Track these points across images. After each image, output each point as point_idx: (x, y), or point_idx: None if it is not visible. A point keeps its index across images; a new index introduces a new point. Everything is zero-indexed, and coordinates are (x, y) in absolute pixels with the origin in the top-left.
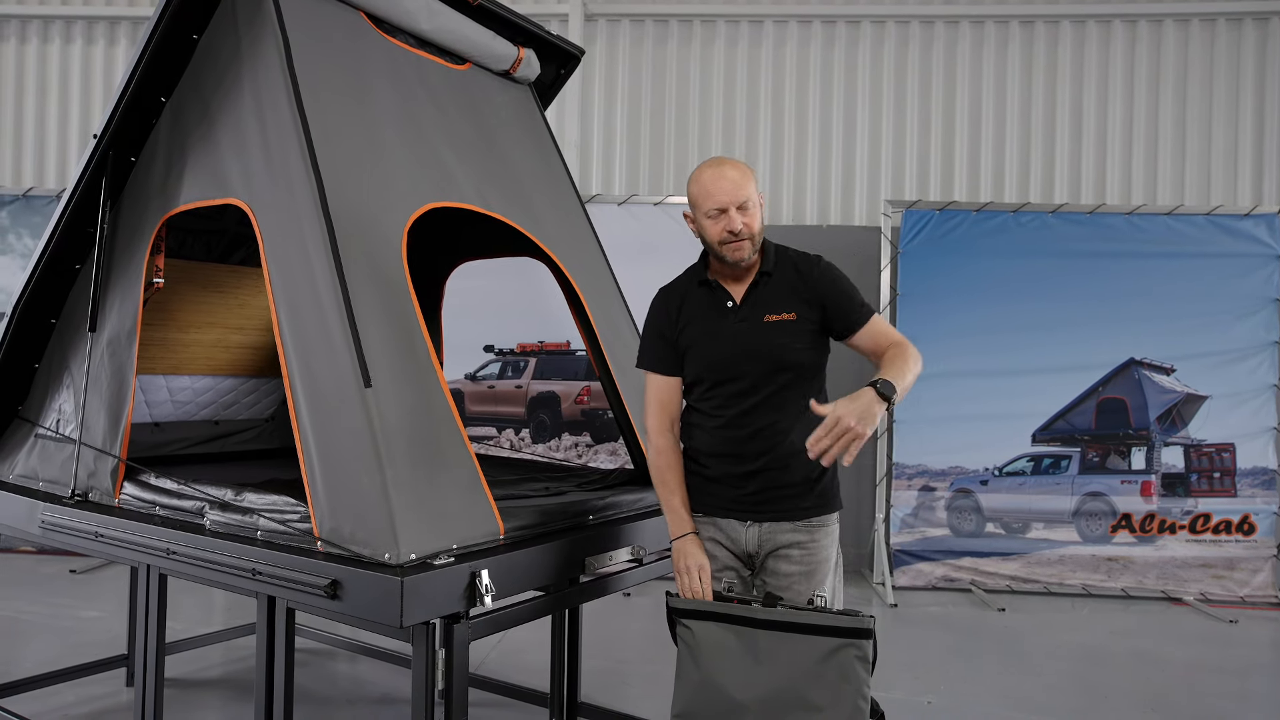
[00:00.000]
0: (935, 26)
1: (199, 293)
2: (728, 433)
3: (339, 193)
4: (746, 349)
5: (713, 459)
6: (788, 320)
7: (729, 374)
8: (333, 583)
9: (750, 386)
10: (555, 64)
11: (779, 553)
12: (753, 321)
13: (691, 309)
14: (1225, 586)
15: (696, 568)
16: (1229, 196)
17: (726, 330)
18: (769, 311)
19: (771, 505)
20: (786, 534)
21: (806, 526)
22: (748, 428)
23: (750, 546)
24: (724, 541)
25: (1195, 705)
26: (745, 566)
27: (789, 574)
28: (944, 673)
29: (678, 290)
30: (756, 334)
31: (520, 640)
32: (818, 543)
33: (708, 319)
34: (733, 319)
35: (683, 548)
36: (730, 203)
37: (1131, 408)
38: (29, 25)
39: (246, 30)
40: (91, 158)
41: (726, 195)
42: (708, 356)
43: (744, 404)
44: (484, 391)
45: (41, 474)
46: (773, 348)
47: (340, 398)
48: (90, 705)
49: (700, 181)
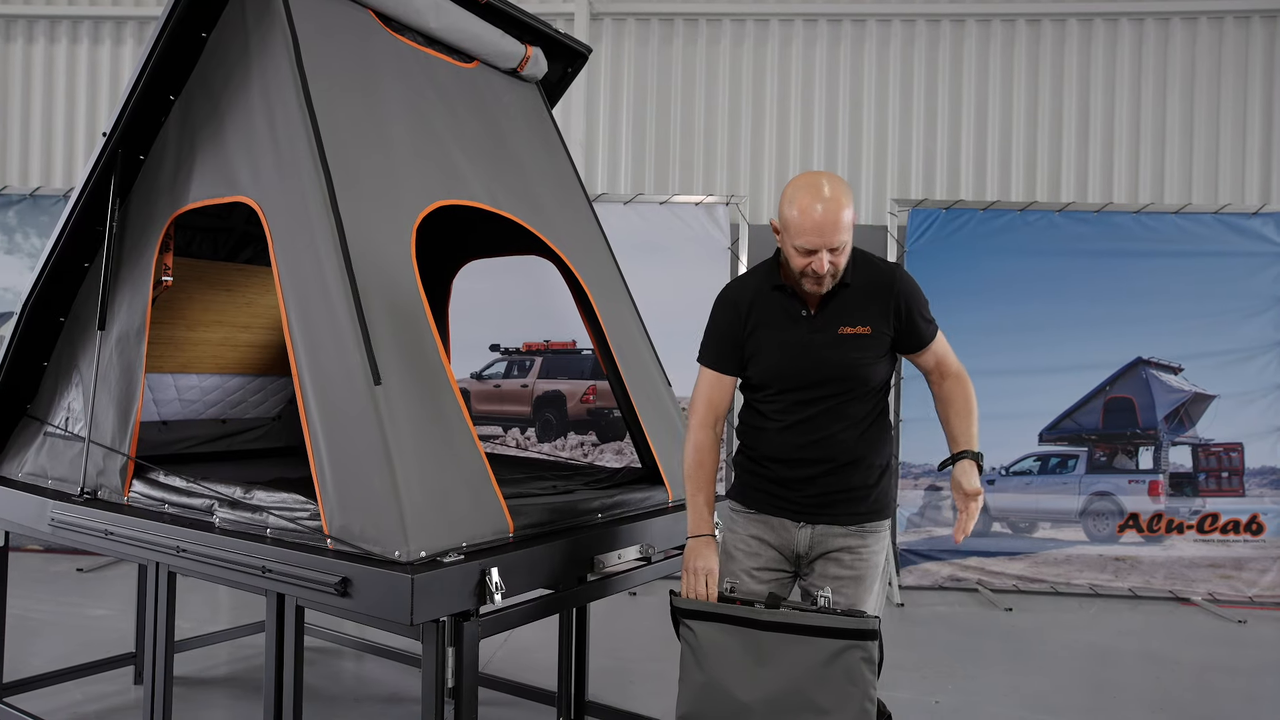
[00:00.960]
0: (941, 25)
1: (206, 291)
2: (789, 438)
3: (348, 190)
4: (819, 362)
5: (771, 461)
6: (863, 334)
7: (797, 383)
8: (343, 580)
9: (818, 397)
10: (563, 62)
11: (830, 555)
12: (827, 333)
13: (762, 312)
14: (1234, 586)
15: (704, 571)
16: (1237, 195)
17: (799, 340)
18: (844, 324)
19: (827, 509)
20: (839, 538)
21: (859, 532)
22: (810, 435)
23: (801, 548)
24: (772, 541)
25: (1204, 705)
26: (791, 566)
27: (839, 577)
28: (951, 672)
29: (748, 290)
30: (830, 347)
31: (527, 639)
32: (869, 548)
33: (779, 326)
34: (806, 329)
35: (696, 548)
36: (822, 245)
37: (1139, 407)
38: (36, 25)
39: (255, 28)
40: (101, 156)
41: (820, 238)
42: (777, 365)
43: (808, 411)
44: (490, 391)
45: (51, 472)
46: (846, 362)
47: (350, 395)
48: (98, 703)
49: (797, 210)
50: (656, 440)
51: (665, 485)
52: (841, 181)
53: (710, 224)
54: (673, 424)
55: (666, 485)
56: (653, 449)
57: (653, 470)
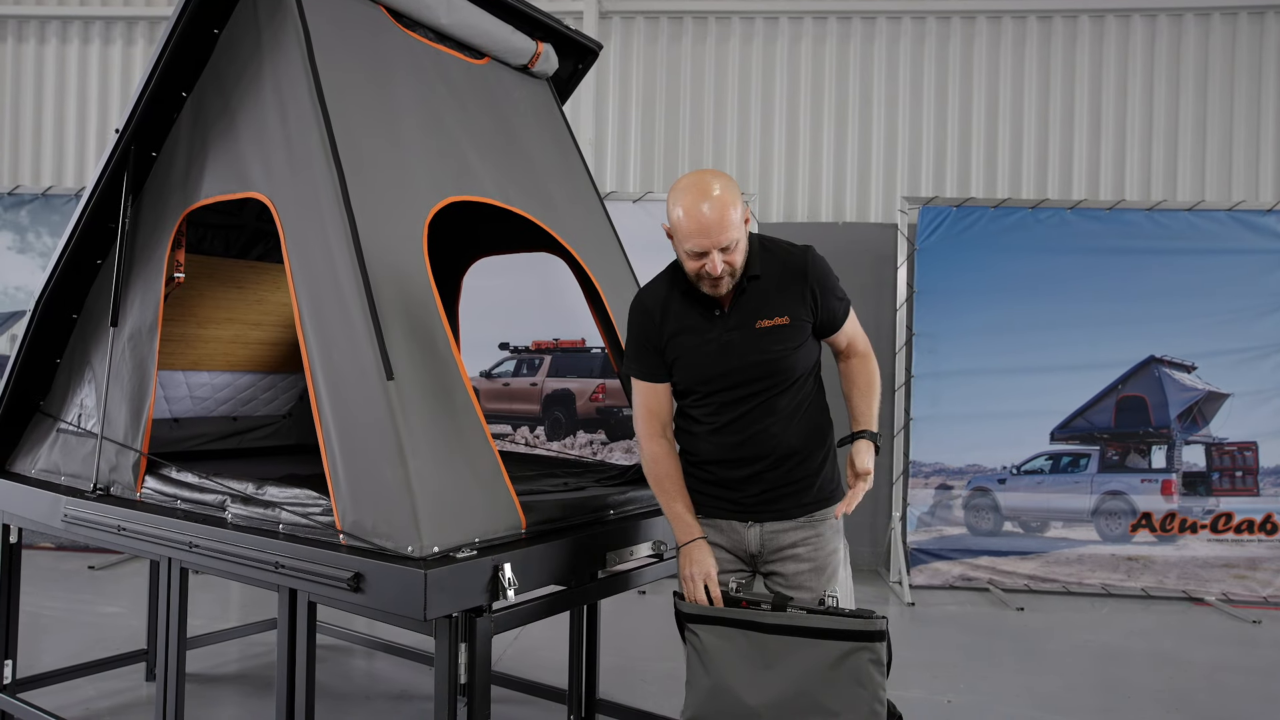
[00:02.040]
0: (952, 22)
1: (218, 288)
2: (721, 438)
3: (360, 186)
4: (739, 360)
5: (709, 464)
6: (781, 325)
7: (721, 385)
8: (355, 575)
9: (744, 395)
10: (573, 59)
11: (784, 552)
12: (744, 330)
13: (676, 319)
14: (1248, 586)
15: (703, 575)
16: (1251, 192)
17: (715, 341)
18: (760, 317)
19: (772, 505)
20: (790, 532)
21: (809, 522)
22: (742, 433)
23: (753, 547)
24: (724, 544)
25: (1219, 706)
26: (748, 565)
27: (798, 572)
28: (963, 672)
29: (658, 297)
30: (748, 343)
31: (536, 638)
32: (822, 536)
33: (695, 329)
34: (721, 329)
35: (689, 554)
36: (711, 246)
37: (1152, 406)
38: (48, 26)
39: (268, 24)
40: (113, 152)
41: (708, 239)
42: (698, 369)
43: (737, 411)
44: (499, 389)
45: (64, 469)
46: (767, 356)
47: (362, 390)
48: (111, 699)
49: (682, 211)
50: None
51: None
52: (726, 178)
53: None
54: None
55: None
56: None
57: None
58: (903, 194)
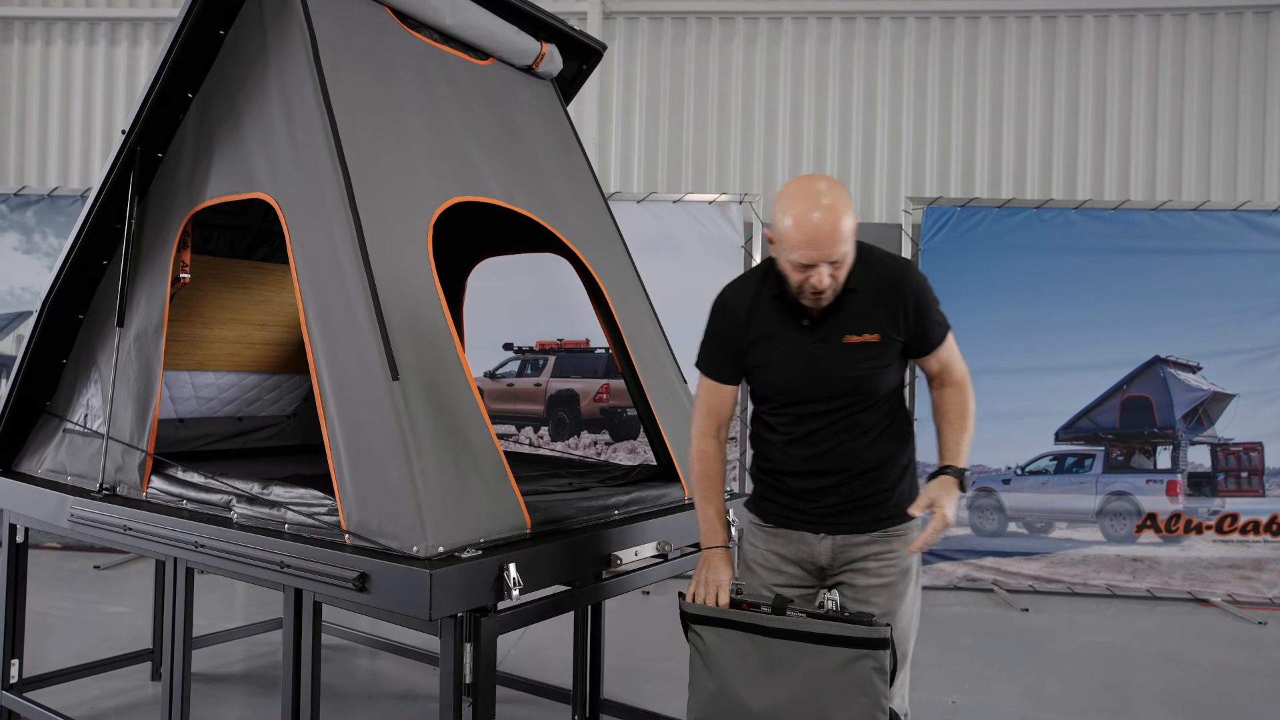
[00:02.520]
0: (956, 22)
1: (223, 289)
2: (797, 450)
3: (365, 186)
4: (823, 374)
5: (783, 474)
6: (870, 343)
7: (802, 397)
8: (361, 575)
9: (824, 410)
10: (577, 59)
11: (855, 565)
12: (831, 343)
13: (762, 323)
14: (1253, 587)
15: (715, 584)
16: (1256, 192)
17: (802, 352)
18: (849, 332)
19: (847, 518)
20: (862, 546)
21: (883, 537)
22: (819, 447)
23: (823, 560)
24: (791, 555)
25: (1225, 707)
26: (814, 580)
27: (866, 587)
28: (967, 673)
29: (746, 298)
30: (835, 358)
31: (541, 638)
32: (895, 553)
33: (781, 337)
34: (809, 339)
35: (709, 559)
36: (820, 259)
37: (1157, 406)
38: (54, 27)
39: (273, 25)
40: (120, 153)
41: (818, 251)
42: (779, 379)
43: (815, 424)
44: (503, 389)
45: (70, 468)
46: (852, 374)
47: (367, 390)
48: (116, 699)
49: (792, 220)
50: (672, 437)
51: (681, 482)
52: (840, 186)
53: (724, 222)
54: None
55: (683, 482)
56: (669, 446)
57: (669, 467)
58: (907, 194)
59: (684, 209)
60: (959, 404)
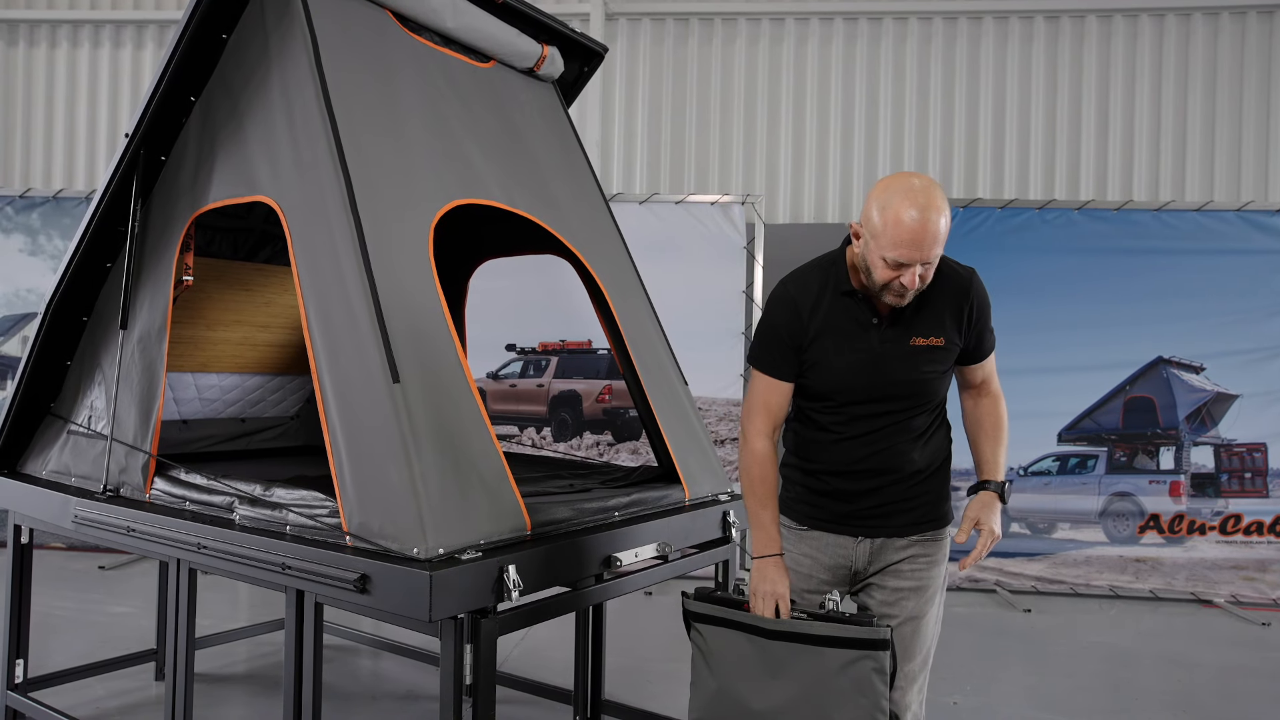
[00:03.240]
0: (958, 22)
1: (226, 291)
2: (848, 450)
3: (367, 189)
4: (887, 376)
5: (828, 474)
6: (936, 345)
7: (863, 396)
8: (361, 577)
9: (882, 411)
10: (579, 62)
11: (891, 568)
12: (898, 344)
13: (827, 318)
14: (1257, 589)
15: (774, 596)
16: (1260, 192)
17: (867, 351)
18: (917, 334)
19: (888, 521)
20: (899, 550)
21: (920, 541)
22: (872, 447)
23: (860, 564)
24: (825, 560)
25: (1227, 708)
26: (845, 584)
27: (899, 589)
28: (969, 673)
29: (811, 290)
30: (901, 359)
31: (543, 638)
32: (930, 557)
33: (846, 334)
34: (875, 339)
35: (763, 569)
36: (919, 260)
37: (1160, 407)
38: (59, 30)
39: (275, 29)
40: (123, 156)
41: (918, 252)
42: (842, 378)
43: (871, 425)
44: (505, 390)
45: (74, 470)
46: (916, 376)
47: (368, 393)
48: (120, 699)
49: (893, 220)
50: (673, 439)
51: (682, 484)
52: (938, 186)
53: (726, 223)
54: (690, 423)
55: (683, 484)
56: (669, 448)
57: (669, 469)
58: None
59: (686, 210)
60: (995, 415)
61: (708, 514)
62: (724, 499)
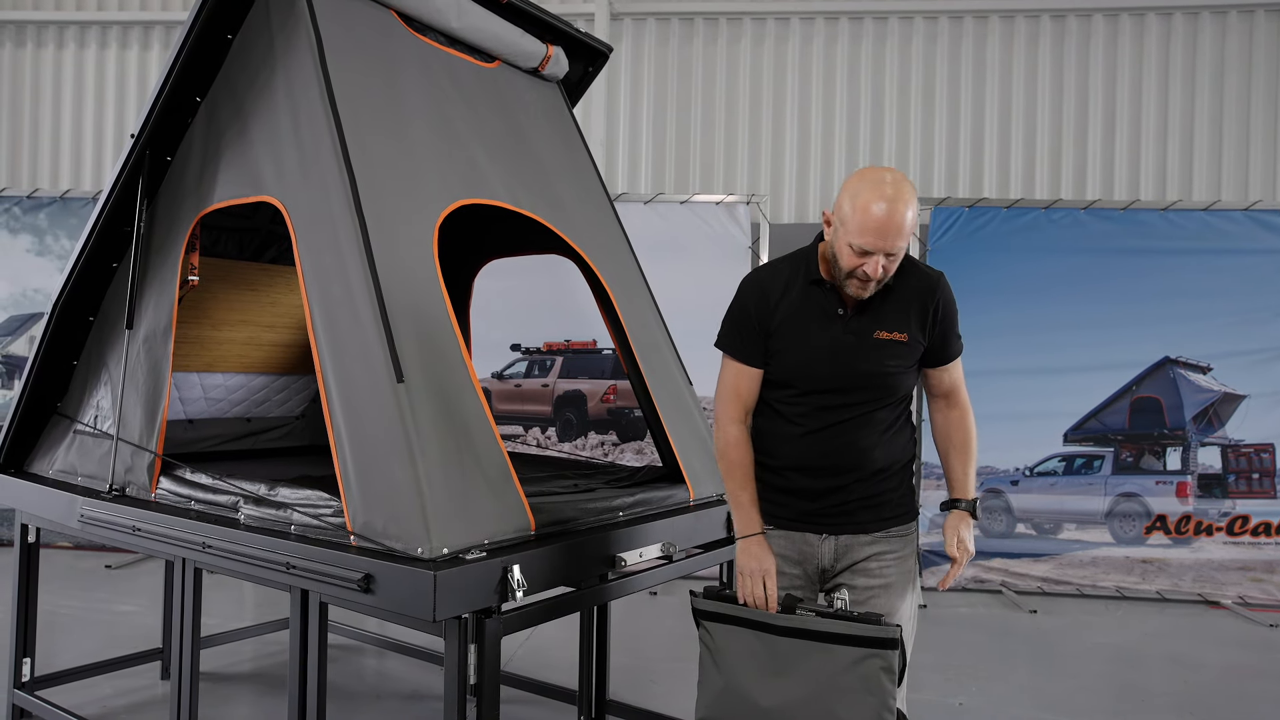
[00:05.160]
0: (964, 22)
1: (232, 291)
2: (811, 445)
3: (371, 189)
4: (849, 366)
5: (790, 470)
6: (899, 341)
7: (824, 386)
8: (366, 577)
9: (843, 403)
10: (583, 62)
11: (857, 566)
12: (861, 336)
13: (793, 304)
14: (1265, 590)
15: (761, 572)
16: (1268, 191)
17: (831, 341)
18: (881, 328)
19: (851, 518)
20: (864, 547)
21: (885, 538)
22: (831, 442)
23: (825, 561)
24: (793, 556)
25: (1235, 710)
26: (816, 582)
27: (868, 587)
28: (975, 674)
29: (779, 278)
30: (863, 351)
31: (547, 638)
32: (898, 553)
33: (811, 322)
34: (839, 329)
35: (748, 548)
36: (882, 249)
37: (1166, 407)
38: (66, 31)
39: (280, 29)
40: (129, 157)
41: (882, 241)
42: (804, 365)
43: (832, 418)
44: (510, 390)
45: (80, 469)
46: (877, 369)
47: (373, 392)
48: (127, 697)
49: (862, 208)
50: (678, 439)
51: (687, 484)
52: (908, 183)
53: (731, 223)
54: (694, 423)
55: (688, 484)
56: (674, 448)
57: (674, 469)
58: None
59: (691, 210)
60: (964, 430)
61: (712, 514)
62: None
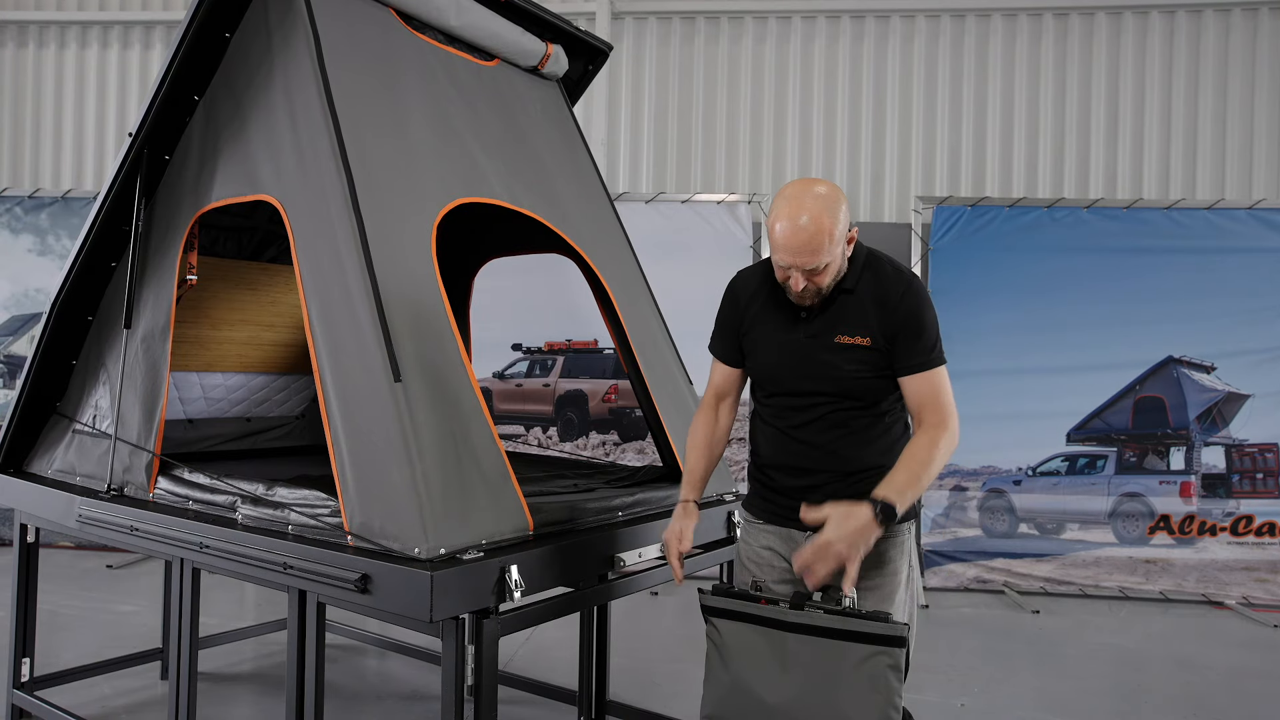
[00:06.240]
0: (966, 20)
1: (231, 290)
2: (785, 444)
3: (369, 188)
4: (808, 369)
5: (774, 469)
6: (860, 345)
7: (789, 388)
8: (363, 577)
9: (808, 404)
10: (583, 60)
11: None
12: (823, 339)
13: (761, 308)
14: (1269, 590)
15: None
16: (1272, 189)
17: (792, 343)
18: (842, 332)
19: None
20: None
21: None
22: (806, 443)
23: None
24: (784, 551)
25: (1238, 711)
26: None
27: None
28: (977, 675)
29: (752, 282)
30: (822, 354)
31: (549, 638)
32: (883, 555)
33: (776, 325)
34: (802, 332)
35: (677, 511)
36: (796, 265)
37: (1170, 407)
38: (67, 31)
39: (278, 28)
40: (127, 156)
41: (794, 259)
42: (770, 365)
43: (798, 419)
44: (512, 390)
45: (79, 469)
46: (836, 373)
47: (370, 392)
48: (127, 697)
49: (771, 226)
50: (678, 439)
51: None
52: (832, 199)
53: (732, 222)
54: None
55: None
56: (674, 448)
57: (674, 469)
58: (917, 193)
59: (692, 209)
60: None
61: (712, 514)
62: (729, 499)
